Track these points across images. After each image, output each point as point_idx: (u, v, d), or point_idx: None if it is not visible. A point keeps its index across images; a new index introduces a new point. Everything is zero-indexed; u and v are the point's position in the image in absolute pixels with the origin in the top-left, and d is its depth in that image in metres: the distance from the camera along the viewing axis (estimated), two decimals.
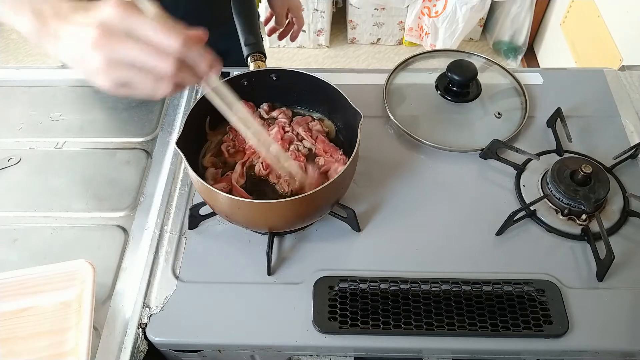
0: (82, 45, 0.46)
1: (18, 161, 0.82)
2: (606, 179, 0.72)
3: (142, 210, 0.76)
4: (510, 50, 2.37)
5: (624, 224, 0.73)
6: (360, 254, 0.71)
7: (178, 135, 0.65)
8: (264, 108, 0.80)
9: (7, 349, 0.61)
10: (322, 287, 0.67)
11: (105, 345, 0.63)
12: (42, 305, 0.64)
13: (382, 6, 2.35)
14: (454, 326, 0.63)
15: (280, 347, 0.65)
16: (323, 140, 0.75)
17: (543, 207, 0.74)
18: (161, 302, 0.66)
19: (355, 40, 2.54)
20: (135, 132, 0.86)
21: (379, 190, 0.78)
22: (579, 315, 0.65)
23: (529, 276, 0.68)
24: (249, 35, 0.85)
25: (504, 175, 0.79)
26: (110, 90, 0.48)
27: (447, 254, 0.71)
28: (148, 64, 0.46)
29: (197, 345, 0.66)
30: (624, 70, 0.94)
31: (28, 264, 0.68)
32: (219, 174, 0.73)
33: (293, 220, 0.68)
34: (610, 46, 1.66)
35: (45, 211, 0.76)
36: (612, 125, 0.85)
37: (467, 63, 0.86)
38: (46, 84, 0.94)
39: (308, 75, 0.75)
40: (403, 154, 0.82)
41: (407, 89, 0.91)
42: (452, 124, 0.86)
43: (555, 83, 0.92)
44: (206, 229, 0.74)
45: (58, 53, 0.49)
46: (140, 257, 0.71)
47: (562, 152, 0.80)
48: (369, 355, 0.67)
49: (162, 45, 0.46)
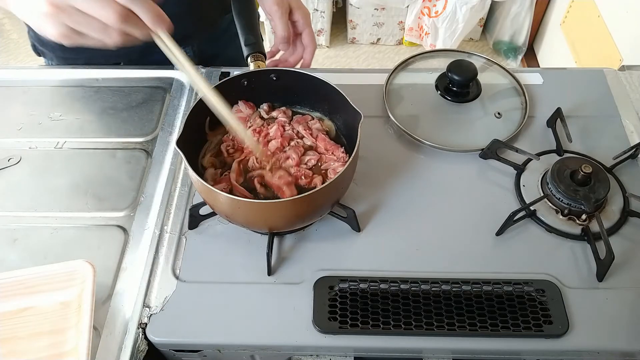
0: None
1: (18, 161, 0.82)
2: (606, 179, 0.72)
3: (142, 210, 0.76)
4: (510, 50, 2.37)
5: (624, 224, 0.73)
6: (360, 254, 0.71)
7: (178, 135, 0.65)
8: (264, 108, 0.80)
9: (7, 349, 0.61)
10: (322, 287, 0.67)
11: (105, 345, 0.63)
12: (42, 305, 0.64)
13: (382, 6, 2.35)
14: (454, 326, 0.63)
15: (280, 347, 0.65)
16: (324, 138, 0.75)
17: (543, 207, 0.74)
18: (161, 302, 0.66)
19: (355, 40, 2.54)
20: (135, 132, 0.86)
21: (379, 190, 0.78)
22: (579, 315, 0.65)
23: (529, 276, 0.68)
24: (249, 35, 0.84)
25: (504, 175, 0.79)
26: (60, 37, 0.49)
27: (447, 254, 0.71)
28: (91, 10, 0.47)
29: (197, 345, 0.66)
30: (624, 70, 0.94)
31: (28, 264, 0.68)
32: (218, 175, 0.73)
33: (293, 220, 0.68)
34: (610, 46, 1.66)
35: (45, 211, 0.76)
36: (612, 125, 0.85)
37: (467, 63, 0.86)
38: (46, 84, 0.94)
39: (308, 75, 0.75)
40: (403, 154, 0.82)
41: (407, 89, 0.91)
42: (452, 124, 0.86)
43: (555, 83, 0.92)
44: (206, 229, 0.74)
45: (14, 7, 0.50)
46: (140, 257, 0.71)
47: (562, 152, 0.80)
48: (369, 355, 0.67)
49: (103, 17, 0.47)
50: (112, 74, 0.94)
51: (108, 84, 0.93)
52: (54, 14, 0.47)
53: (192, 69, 0.61)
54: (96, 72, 0.94)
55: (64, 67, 0.96)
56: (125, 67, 0.94)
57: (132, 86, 0.93)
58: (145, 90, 0.92)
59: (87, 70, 0.94)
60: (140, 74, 0.93)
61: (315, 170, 0.73)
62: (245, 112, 0.78)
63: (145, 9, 0.49)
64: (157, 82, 0.94)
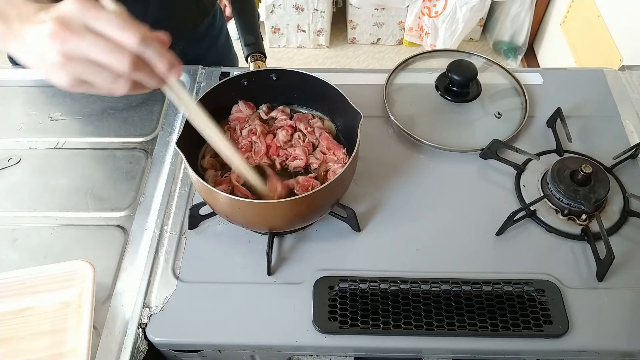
0: (40, 40, 0.45)
1: (18, 161, 0.82)
2: (606, 179, 0.72)
3: (142, 210, 0.76)
4: (510, 50, 2.37)
5: (624, 224, 0.73)
6: (360, 254, 0.71)
7: (178, 136, 0.65)
8: (263, 109, 0.79)
9: (7, 349, 0.61)
10: (322, 287, 0.67)
11: (105, 345, 0.63)
12: (42, 305, 0.64)
13: (382, 6, 2.35)
14: (454, 326, 0.63)
15: (280, 347, 0.65)
16: (327, 137, 0.75)
17: (543, 207, 0.74)
18: (161, 302, 0.66)
19: (355, 40, 2.54)
20: (135, 132, 0.86)
21: (379, 190, 0.78)
22: (579, 315, 0.65)
23: (529, 276, 0.68)
24: (249, 35, 0.85)
25: (504, 175, 0.79)
26: (69, 87, 0.48)
27: (447, 254, 0.71)
28: (104, 59, 0.45)
29: (197, 345, 0.66)
30: (624, 70, 0.94)
31: (28, 264, 0.68)
32: (218, 176, 0.73)
33: (293, 220, 0.68)
34: (610, 46, 1.66)
35: (45, 211, 0.76)
36: (612, 125, 0.85)
37: (467, 63, 0.86)
38: (46, 84, 0.94)
39: (308, 75, 0.75)
40: (403, 154, 0.82)
41: (407, 89, 0.91)
42: (452, 124, 0.86)
43: (555, 83, 0.92)
44: (206, 229, 0.74)
45: (21, 54, 0.49)
46: (140, 257, 0.71)
47: (562, 152, 0.80)
48: (369, 355, 0.67)
49: (119, 40, 0.45)
50: None
51: None
52: (64, 64, 0.46)
53: (199, 113, 0.59)
54: None
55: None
56: None
57: None
58: None
59: None
60: None
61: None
62: (245, 112, 0.78)
63: (159, 56, 0.47)
64: None
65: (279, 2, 2.32)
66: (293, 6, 2.33)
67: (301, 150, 0.74)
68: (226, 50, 1.15)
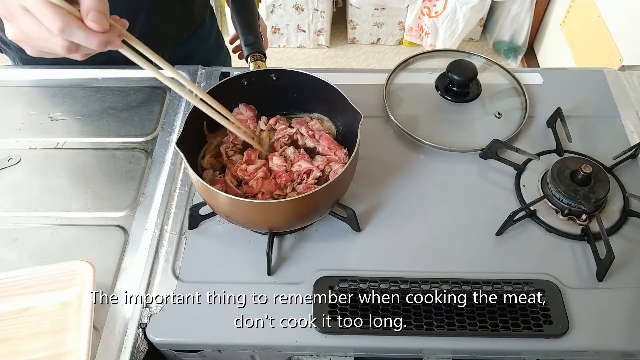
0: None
1: (18, 161, 0.82)
2: (606, 179, 0.72)
3: (142, 210, 0.76)
4: (510, 50, 2.37)
5: (624, 224, 0.73)
6: (360, 254, 0.71)
7: (178, 136, 0.65)
8: (263, 120, 0.79)
9: (7, 349, 0.61)
10: (322, 287, 0.67)
11: (105, 345, 0.63)
12: (42, 305, 0.64)
13: (382, 6, 2.35)
14: (454, 326, 0.63)
15: (280, 347, 0.65)
16: (328, 137, 0.75)
17: (543, 207, 0.74)
18: (161, 302, 0.66)
19: (355, 40, 2.54)
20: (135, 132, 0.86)
21: (379, 190, 0.78)
22: (579, 315, 0.65)
23: (529, 276, 0.68)
24: (248, 35, 0.84)
25: (504, 175, 0.79)
26: (17, 42, 0.50)
27: (447, 254, 0.71)
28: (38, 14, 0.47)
29: (197, 345, 0.66)
30: (624, 70, 0.94)
31: (28, 264, 0.68)
32: (216, 177, 0.72)
33: (293, 220, 0.68)
34: (610, 46, 1.66)
35: (45, 211, 0.76)
36: (612, 125, 0.85)
37: (467, 63, 0.86)
38: (46, 84, 0.94)
39: (308, 75, 0.75)
40: (403, 154, 0.82)
41: (407, 89, 0.91)
42: (452, 124, 0.86)
43: (555, 83, 0.92)
44: (206, 229, 0.74)
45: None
46: (140, 257, 0.71)
47: (562, 152, 0.80)
48: (369, 355, 0.67)
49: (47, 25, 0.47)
50: (112, 74, 0.94)
51: (108, 84, 0.93)
52: (5, 16, 0.49)
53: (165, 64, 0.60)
54: (96, 72, 0.94)
55: (64, 67, 0.95)
56: (126, 67, 0.94)
57: (132, 86, 0.93)
58: (145, 90, 0.92)
59: (87, 70, 0.94)
60: (140, 74, 0.93)
61: None
62: (246, 115, 0.78)
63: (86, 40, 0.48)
64: (157, 82, 0.92)
65: (279, 2, 2.32)
66: (293, 6, 2.33)
67: (305, 161, 0.73)
68: (217, 49, 1.14)
